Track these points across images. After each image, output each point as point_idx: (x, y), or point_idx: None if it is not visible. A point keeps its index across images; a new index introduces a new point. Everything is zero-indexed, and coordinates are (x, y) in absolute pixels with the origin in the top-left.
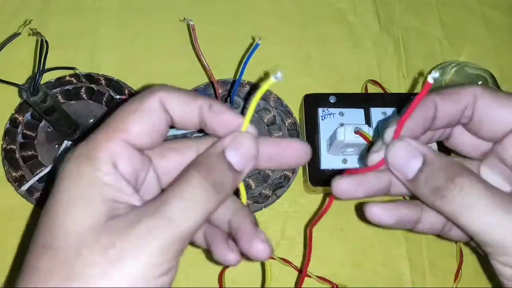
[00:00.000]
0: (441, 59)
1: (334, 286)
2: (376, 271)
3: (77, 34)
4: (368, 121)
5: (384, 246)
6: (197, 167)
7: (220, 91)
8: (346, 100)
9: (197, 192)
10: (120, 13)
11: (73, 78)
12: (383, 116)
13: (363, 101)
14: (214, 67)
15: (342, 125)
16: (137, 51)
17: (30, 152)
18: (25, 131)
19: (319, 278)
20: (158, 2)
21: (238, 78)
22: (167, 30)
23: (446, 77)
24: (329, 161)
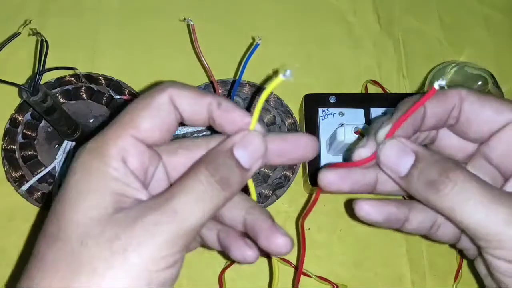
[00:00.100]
0: (441, 59)
1: (334, 286)
2: (376, 271)
3: (77, 34)
4: (368, 121)
5: (384, 246)
6: (205, 163)
7: (220, 91)
8: (346, 100)
9: (204, 187)
10: (120, 13)
11: (73, 78)
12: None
13: (363, 101)
14: (214, 67)
15: (342, 125)
16: (137, 51)
17: (30, 152)
18: (25, 131)
19: (319, 278)
20: (158, 2)
21: (238, 78)
22: (167, 30)
23: (446, 77)
24: (329, 161)
